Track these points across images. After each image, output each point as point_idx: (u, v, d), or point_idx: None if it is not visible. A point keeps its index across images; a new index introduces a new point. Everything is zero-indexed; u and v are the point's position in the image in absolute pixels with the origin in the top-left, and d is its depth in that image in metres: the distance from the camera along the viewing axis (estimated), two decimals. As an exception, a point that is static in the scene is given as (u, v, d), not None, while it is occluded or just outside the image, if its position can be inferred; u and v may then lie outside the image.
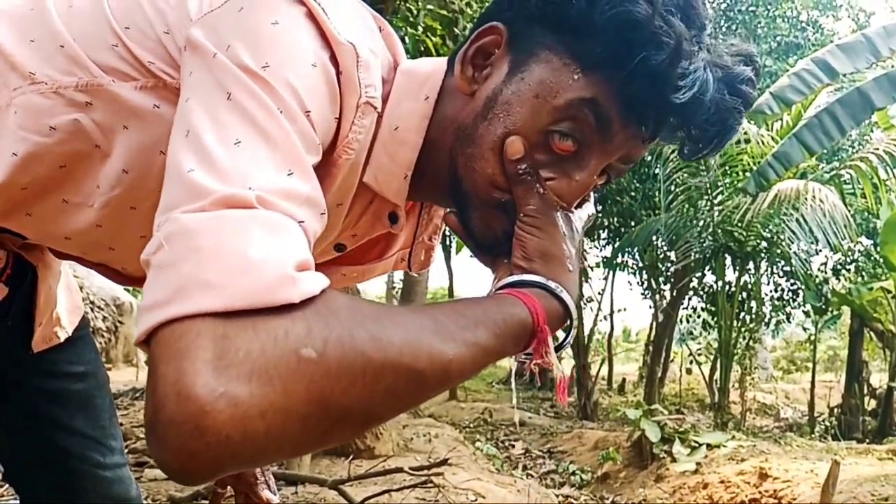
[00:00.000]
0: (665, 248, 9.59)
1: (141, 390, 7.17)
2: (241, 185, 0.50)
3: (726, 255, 8.30)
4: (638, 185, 9.13)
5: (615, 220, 9.99)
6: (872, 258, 9.81)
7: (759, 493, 4.86)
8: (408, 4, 4.16)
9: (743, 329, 9.14)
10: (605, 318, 11.22)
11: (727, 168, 7.74)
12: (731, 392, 8.89)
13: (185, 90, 0.58)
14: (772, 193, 6.94)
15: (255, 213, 0.49)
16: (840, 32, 11.78)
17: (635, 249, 10.02)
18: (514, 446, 7.53)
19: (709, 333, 10.43)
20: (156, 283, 0.48)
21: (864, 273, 9.97)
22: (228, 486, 1.11)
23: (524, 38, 0.67)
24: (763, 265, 9.24)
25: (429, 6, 4.15)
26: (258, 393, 0.44)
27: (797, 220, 7.06)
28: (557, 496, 5.57)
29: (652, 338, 10.71)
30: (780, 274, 9.95)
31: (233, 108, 0.54)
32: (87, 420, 1.03)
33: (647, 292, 10.95)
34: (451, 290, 12.87)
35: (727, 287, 8.58)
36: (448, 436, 5.98)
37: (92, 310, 8.12)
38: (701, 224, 7.97)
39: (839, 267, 10.18)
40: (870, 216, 9.14)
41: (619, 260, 10.72)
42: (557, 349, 0.65)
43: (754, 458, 5.34)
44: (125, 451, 1.11)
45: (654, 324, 10.63)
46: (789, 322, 11.03)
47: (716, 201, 7.84)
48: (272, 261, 0.47)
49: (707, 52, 0.65)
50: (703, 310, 10.18)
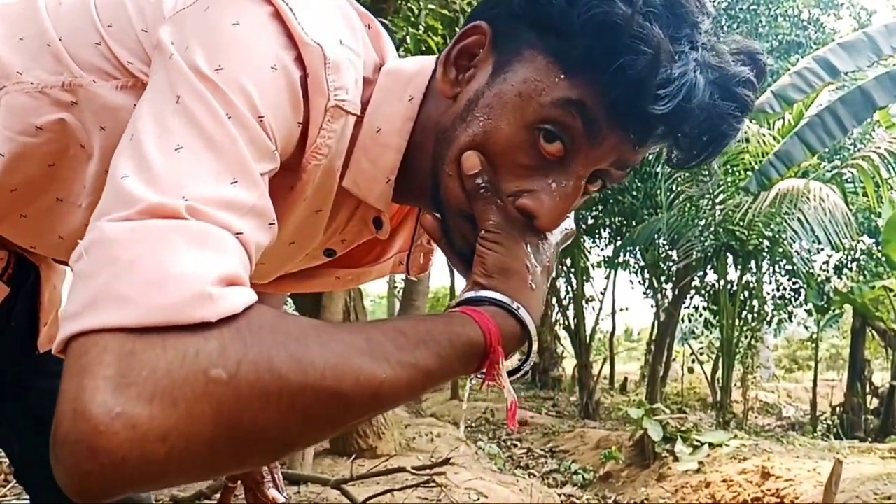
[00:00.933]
0: (667, 247, 9.58)
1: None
2: (174, 194, 0.47)
3: (728, 254, 8.30)
4: (640, 184, 9.12)
5: (617, 219, 9.99)
6: (874, 257, 9.79)
7: (762, 492, 4.86)
8: (409, 4, 4.15)
9: (745, 328, 9.14)
10: (606, 317, 11.24)
11: (729, 167, 7.73)
12: (733, 391, 8.86)
13: (145, 92, 0.56)
14: (773, 192, 6.93)
15: (182, 224, 0.47)
16: (842, 31, 11.74)
17: (637, 248, 10.03)
18: (516, 446, 7.53)
19: (711, 332, 10.43)
20: (73, 293, 0.46)
21: (865, 272, 9.94)
22: (239, 482, 1.12)
23: (509, 38, 0.64)
24: (765, 264, 9.23)
25: (430, 6, 4.14)
26: (159, 415, 0.42)
27: (799, 218, 7.04)
28: (560, 495, 5.57)
29: (654, 337, 10.69)
30: (782, 273, 9.94)
31: (180, 112, 0.52)
32: None
33: (648, 291, 10.95)
34: (452, 289, 12.80)
35: (729, 286, 8.56)
36: (450, 435, 5.98)
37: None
38: (703, 223, 7.95)
39: (841, 266, 10.15)
40: (871, 215, 9.13)
41: (620, 259, 10.73)
42: (515, 371, 0.62)
43: (757, 457, 5.33)
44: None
45: (656, 323, 10.61)
46: (791, 321, 11.02)
47: (717, 200, 7.83)
48: (191, 275, 0.45)
49: (704, 50, 0.61)
50: (704, 309, 10.16)
